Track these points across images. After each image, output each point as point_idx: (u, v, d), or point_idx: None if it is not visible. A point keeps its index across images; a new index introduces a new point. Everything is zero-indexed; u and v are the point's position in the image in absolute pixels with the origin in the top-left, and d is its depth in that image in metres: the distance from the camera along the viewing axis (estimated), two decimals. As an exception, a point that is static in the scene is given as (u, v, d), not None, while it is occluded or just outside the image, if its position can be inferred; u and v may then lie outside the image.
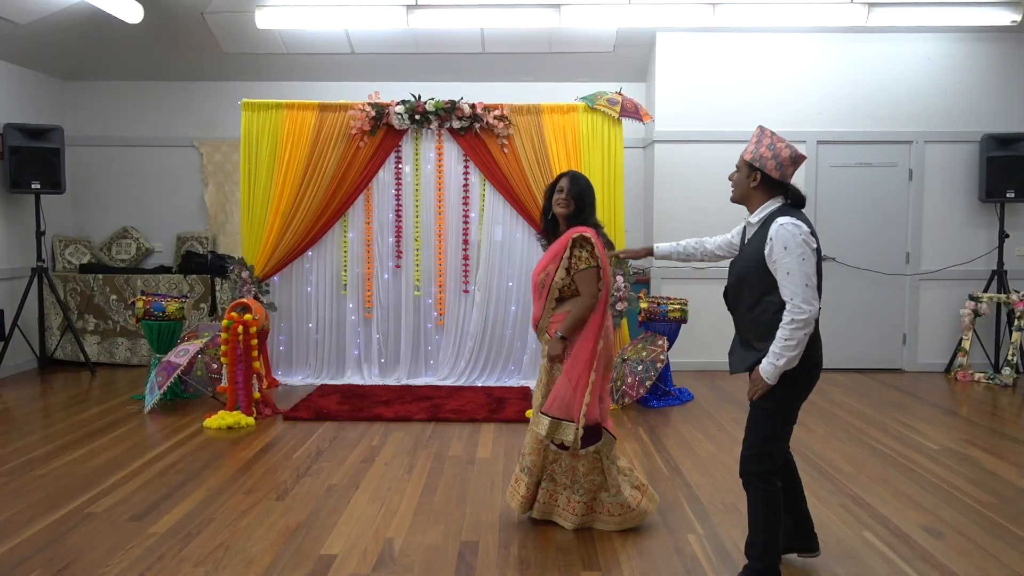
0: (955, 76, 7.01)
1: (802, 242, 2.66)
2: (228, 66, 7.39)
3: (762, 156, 2.80)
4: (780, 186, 2.82)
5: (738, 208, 3.02)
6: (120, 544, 3.31)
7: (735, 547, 3.33)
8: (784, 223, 2.70)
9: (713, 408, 5.76)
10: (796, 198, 2.83)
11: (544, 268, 3.52)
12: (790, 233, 2.67)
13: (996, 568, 3.16)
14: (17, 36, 6.40)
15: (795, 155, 2.78)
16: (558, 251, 3.48)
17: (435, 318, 6.56)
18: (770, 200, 2.83)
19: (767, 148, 2.80)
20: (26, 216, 6.94)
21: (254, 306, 5.41)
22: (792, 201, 2.82)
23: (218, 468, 4.32)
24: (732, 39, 6.98)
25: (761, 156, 2.80)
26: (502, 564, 3.17)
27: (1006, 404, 5.97)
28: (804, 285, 2.65)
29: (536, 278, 3.56)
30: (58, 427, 5.13)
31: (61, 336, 6.99)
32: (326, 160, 6.28)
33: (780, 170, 2.78)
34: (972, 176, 7.03)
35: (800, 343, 2.66)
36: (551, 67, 7.36)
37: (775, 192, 2.83)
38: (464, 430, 5.15)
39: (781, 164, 2.78)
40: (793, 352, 2.66)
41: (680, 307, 6.03)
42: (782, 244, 2.67)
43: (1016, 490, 4.06)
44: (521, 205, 6.34)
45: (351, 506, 3.77)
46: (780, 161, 2.78)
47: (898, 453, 4.67)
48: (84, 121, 7.64)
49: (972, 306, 6.76)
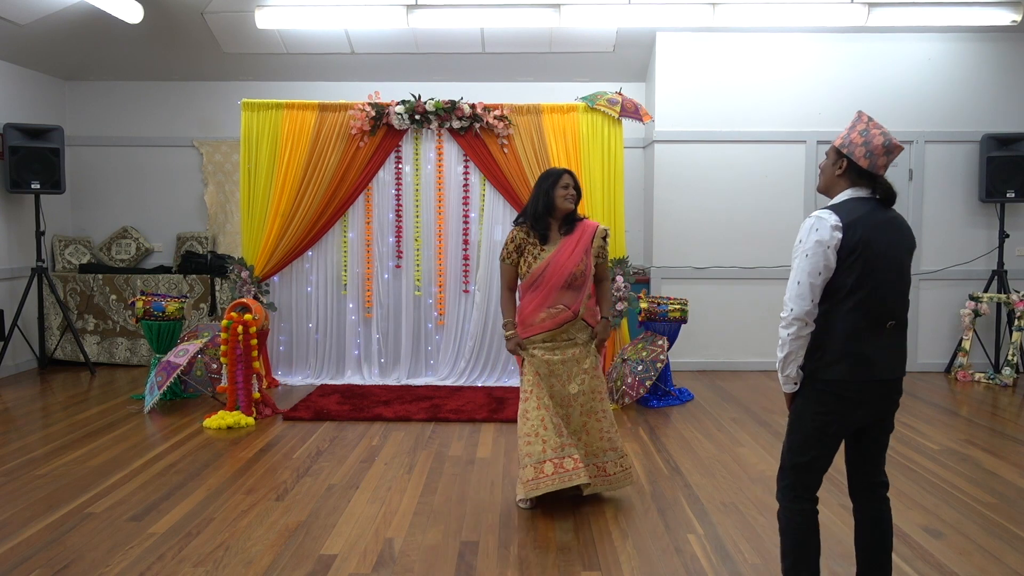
0: (955, 76, 7.01)
1: (813, 237, 2.41)
2: (228, 66, 7.39)
3: (852, 142, 2.52)
4: (868, 176, 2.51)
5: (737, 209, 2.97)
6: (120, 544, 3.31)
7: (735, 547, 3.34)
8: (815, 213, 2.46)
9: (713, 408, 5.75)
10: (885, 193, 2.51)
11: (580, 260, 3.65)
12: (809, 225, 2.44)
13: (996, 568, 3.16)
14: (17, 36, 6.40)
15: (889, 144, 2.48)
16: (586, 243, 3.68)
17: (435, 318, 6.55)
18: (849, 190, 2.53)
19: (859, 134, 2.52)
20: (26, 216, 6.94)
21: (254, 306, 5.41)
22: (881, 196, 2.51)
23: (218, 468, 4.32)
24: (732, 39, 6.98)
25: (851, 142, 2.52)
26: (502, 564, 3.17)
27: (1006, 404, 5.97)
28: (796, 282, 2.43)
29: (572, 270, 3.63)
30: (58, 427, 5.13)
31: (61, 336, 6.99)
32: (326, 160, 6.28)
33: (870, 158, 2.48)
34: (972, 176, 7.03)
35: (786, 343, 2.46)
36: (551, 67, 7.36)
37: (861, 183, 2.52)
38: (464, 430, 5.15)
39: (872, 152, 2.48)
40: (782, 353, 2.48)
41: (680, 307, 6.03)
42: (799, 236, 2.47)
43: (1016, 490, 4.06)
44: (521, 205, 6.33)
45: (351, 506, 3.77)
46: (871, 149, 2.48)
47: (898, 453, 4.67)
48: (84, 121, 7.64)
49: (972, 306, 6.76)
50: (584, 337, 3.74)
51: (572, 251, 3.65)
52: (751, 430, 5.17)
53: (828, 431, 2.51)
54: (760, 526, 3.57)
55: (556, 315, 3.66)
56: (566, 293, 3.65)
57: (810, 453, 2.53)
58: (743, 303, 6.96)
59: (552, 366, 3.69)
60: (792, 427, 2.57)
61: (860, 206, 2.48)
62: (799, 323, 2.44)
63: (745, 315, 6.96)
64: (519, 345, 3.74)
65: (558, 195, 3.66)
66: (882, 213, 2.50)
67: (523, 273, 3.74)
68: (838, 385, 2.46)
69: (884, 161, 2.50)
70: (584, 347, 3.72)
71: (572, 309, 3.66)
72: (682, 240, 7.04)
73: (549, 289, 3.65)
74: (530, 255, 3.71)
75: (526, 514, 3.69)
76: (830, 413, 2.49)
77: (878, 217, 2.48)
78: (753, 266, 6.97)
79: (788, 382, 2.51)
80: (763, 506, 3.80)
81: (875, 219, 2.47)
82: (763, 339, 7.06)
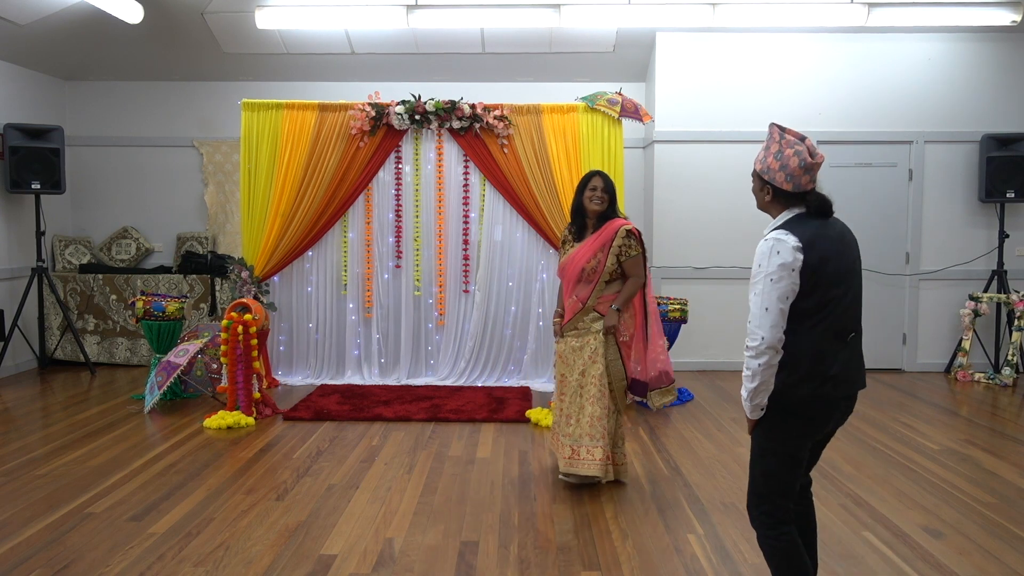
0: (955, 76, 7.01)
1: (777, 261, 2.32)
2: (228, 66, 7.39)
3: (770, 168, 2.45)
4: (797, 196, 2.44)
5: (737, 209, 2.97)
6: (120, 544, 3.31)
7: (735, 547, 3.34)
8: (768, 237, 2.38)
9: (713, 408, 5.76)
10: (818, 206, 2.42)
11: (593, 256, 3.93)
12: (768, 248, 2.35)
13: (996, 568, 3.16)
14: (17, 36, 6.40)
15: (804, 162, 2.38)
16: (605, 242, 3.93)
17: (435, 318, 6.56)
18: (786, 211, 2.47)
19: (774, 158, 2.44)
20: (26, 216, 6.94)
21: (254, 306, 5.42)
22: (813, 210, 2.42)
23: (218, 468, 4.32)
24: (732, 39, 6.98)
25: (769, 168, 2.46)
26: (502, 564, 3.17)
27: (1006, 404, 5.97)
28: (764, 308, 2.34)
29: (583, 265, 3.94)
30: (58, 427, 5.13)
31: (61, 336, 6.99)
32: (326, 160, 6.28)
33: (792, 181, 2.41)
34: (972, 176, 7.03)
35: (756, 374, 2.37)
36: (551, 67, 7.36)
37: (792, 202, 2.45)
38: (464, 430, 5.15)
39: (791, 175, 2.40)
40: (752, 384, 2.38)
41: (680, 307, 6.03)
42: (757, 261, 2.39)
43: (1016, 490, 4.06)
44: (521, 205, 6.34)
45: (351, 506, 3.78)
46: (789, 172, 2.40)
47: (898, 453, 4.67)
48: (84, 121, 7.64)
49: (972, 306, 6.76)
50: (598, 326, 3.98)
51: (587, 248, 3.97)
52: (751, 430, 5.17)
53: (801, 453, 2.48)
54: (760, 526, 3.57)
55: (571, 305, 4.02)
56: (579, 286, 3.98)
57: (788, 477, 2.47)
58: (743, 303, 6.86)
59: (574, 351, 4.01)
60: (763, 453, 2.49)
61: (808, 223, 2.41)
62: (771, 352, 2.36)
63: (745, 315, 6.92)
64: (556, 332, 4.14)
65: (586, 197, 4.02)
66: (828, 228, 2.44)
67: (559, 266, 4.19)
68: (807, 406, 2.41)
69: (807, 178, 2.42)
70: (597, 335, 3.97)
71: (580, 299, 3.99)
72: (682, 240, 7.04)
73: (568, 282, 4.04)
74: (565, 251, 4.15)
75: (526, 514, 3.69)
76: (802, 436, 2.46)
77: (827, 232, 2.42)
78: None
79: (756, 410, 2.44)
80: (763, 506, 3.80)
81: (826, 235, 2.41)
82: (763, 339, 7.08)
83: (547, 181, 6.27)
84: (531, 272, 6.48)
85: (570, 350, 4.02)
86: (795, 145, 2.42)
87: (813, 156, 2.41)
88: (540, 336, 6.47)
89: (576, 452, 3.95)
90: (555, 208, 6.24)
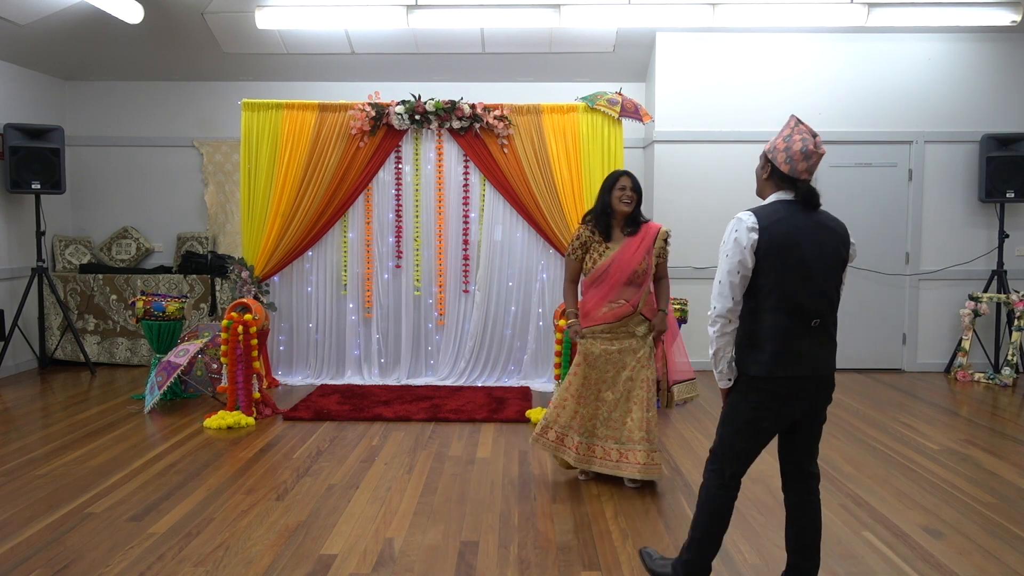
0: (955, 76, 7.01)
1: (733, 237, 2.57)
2: (228, 66, 7.39)
3: (775, 147, 2.65)
4: (790, 181, 2.62)
5: (737, 209, 3.00)
6: (120, 544, 3.31)
7: (735, 547, 3.34)
8: (738, 215, 2.61)
9: (713, 408, 5.75)
10: (805, 195, 2.61)
11: (642, 259, 3.91)
12: (730, 226, 2.60)
13: (996, 568, 3.16)
14: (17, 36, 6.40)
15: (806, 149, 2.58)
16: (648, 244, 3.94)
17: (435, 318, 6.56)
18: (775, 193, 2.66)
19: (783, 139, 2.65)
20: (26, 216, 6.94)
21: (254, 306, 5.42)
22: (801, 197, 2.61)
23: (218, 468, 4.32)
24: (732, 39, 6.98)
25: (775, 147, 2.66)
26: (502, 564, 3.17)
27: (1006, 404, 5.97)
28: (718, 281, 2.61)
29: (635, 268, 3.90)
30: (58, 427, 5.13)
31: (61, 336, 6.99)
32: (326, 160, 6.28)
33: (789, 164, 2.60)
34: (972, 176, 7.03)
35: (712, 341, 2.63)
36: (551, 67, 7.36)
37: (785, 186, 2.64)
38: (464, 430, 5.15)
39: (791, 157, 2.60)
40: (711, 350, 2.65)
41: (680, 307, 6.03)
42: (723, 237, 2.63)
43: (1016, 490, 4.06)
44: (521, 205, 6.34)
45: (351, 506, 3.78)
46: (790, 154, 2.60)
47: (898, 453, 4.67)
48: (84, 121, 7.64)
49: (972, 306, 6.76)
50: (643, 330, 3.98)
51: (636, 250, 3.93)
52: (751, 430, 5.17)
53: (760, 425, 2.65)
54: (760, 526, 3.57)
55: (616, 309, 3.94)
56: (627, 289, 3.93)
57: (741, 444, 2.70)
58: (743, 303, 6.95)
59: (609, 355, 3.95)
60: (726, 419, 2.73)
61: (782, 209, 2.60)
62: (722, 320, 2.61)
63: (745, 315, 6.95)
64: (577, 333, 4.03)
65: (615, 197, 3.95)
66: (805, 216, 2.60)
67: (587, 269, 4.02)
68: (768, 380, 2.59)
69: (804, 166, 2.60)
70: (641, 339, 3.96)
71: (631, 303, 3.93)
72: (682, 240, 7.01)
73: (612, 284, 3.93)
74: (595, 252, 3.98)
75: (526, 514, 3.69)
76: (762, 408, 2.63)
77: (799, 220, 2.58)
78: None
79: (722, 378, 2.68)
80: (763, 506, 3.81)
81: (796, 221, 2.57)
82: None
83: (547, 181, 6.27)
84: (531, 272, 6.48)
85: (609, 353, 3.94)
86: (804, 134, 2.63)
87: (817, 147, 2.61)
88: (540, 336, 6.47)
89: (624, 456, 3.95)
90: (555, 208, 6.25)
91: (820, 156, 2.61)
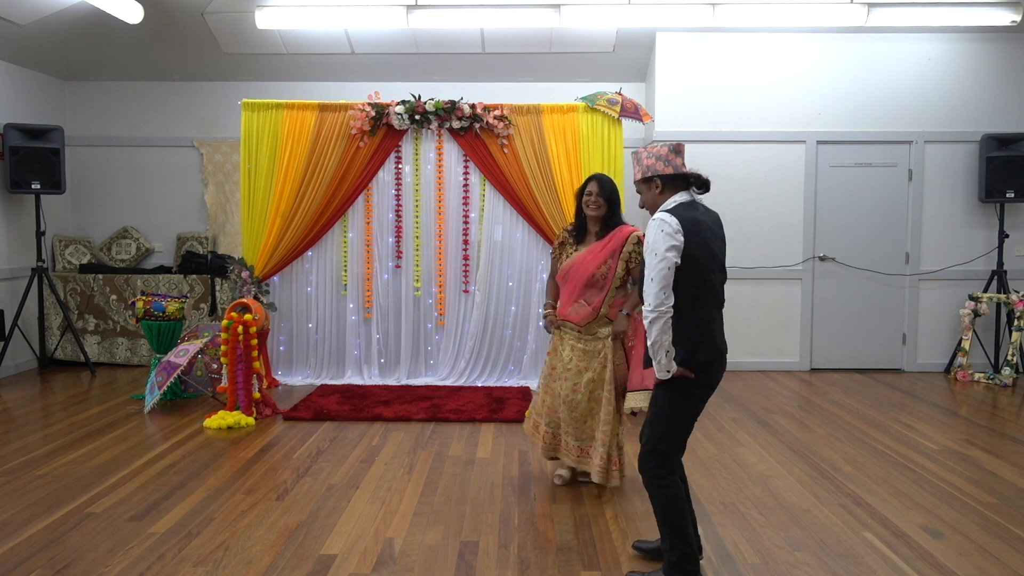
0: (955, 76, 7.01)
1: (660, 238, 2.71)
2: (228, 66, 7.39)
3: (648, 167, 2.89)
4: (681, 179, 2.88)
5: (736, 210, 3.05)
6: (120, 544, 3.31)
7: (735, 547, 3.34)
8: (655, 218, 2.77)
9: (713, 408, 5.75)
10: (699, 182, 2.88)
11: (603, 263, 3.92)
12: (653, 228, 2.75)
13: (996, 568, 3.16)
14: (17, 36, 6.40)
15: (672, 146, 2.88)
16: (615, 248, 3.92)
17: (435, 318, 6.56)
18: (674, 196, 2.88)
19: (647, 157, 2.89)
20: (26, 216, 6.94)
21: (254, 306, 5.42)
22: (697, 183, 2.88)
23: (218, 468, 4.32)
24: (732, 39, 6.98)
25: (648, 167, 2.89)
26: (502, 564, 3.17)
27: (1006, 404, 5.97)
28: (650, 279, 2.72)
29: (592, 271, 3.92)
30: (58, 427, 5.13)
31: (61, 336, 6.99)
32: (326, 160, 6.28)
33: (670, 164, 2.86)
34: (972, 176, 7.03)
35: (649, 335, 2.74)
36: (551, 67, 7.36)
37: (679, 186, 2.89)
38: (464, 430, 5.15)
39: (666, 160, 2.86)
40: (649, 342, 2.75)
41: (680, 307, 6.02)
42: (647, 240, 2.78)
43: (1016, 490, 4.06)
44: (521, 205, 6.34)
45: (351, 506, 3.78)
46: (663, 157, 2.86)
47: (898, 453, 4.67)
48: (84, 121, 7.64)
49: (972, 306, 6.76)
50: (606, 332, 3.99)
51: (597, 254, 3.95)
52: (751, 430, 5.17)
53: (696, 414, 2.91)
54: (760, 526, 3.57)
55: (580, 310, 3.98)
56: (588, 291, 3.96)
57: (682, 436, 2.92)
58: (743, 303, 6.96)
59: (575, 351, 4.00)
60: (664, 414, 2.87)
61: (689, 209, 2.83)
62: (655, 315, 2.73)
63: (744, 315, 6.96)
64: (552, 323, 4.12)
65: (583, 202, 4.01)
66: (704, 214, 2.88)
67: (558, 268, 4.15)
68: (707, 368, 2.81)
69: (680, 160, 2.89)
70: (604, 340, 3.99)
71: (592, 306, 3.96)
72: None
73: (574, 285, 4.00)
74: (566, 253, 4.09)
75: (526, 514, 3.69)
76: (697, 398, 2.87)
77: (700, 214, 2.85)
78: (753, 266, 6.97)
79: (661, 369, 2.78)
80: (763, 506, 3.81)
81: (698, 216, 2.83)
82: (763, 339, 7.08)
83: (547, 181, 6.27)
84: (531, 272, 6.48)
85: (577, 353, 3.99)
86: (654, 145, 2.91)
87: (675, 143, 2.90)
88: (540, 336, 6.47)
89: (585, 451, 4.00)
90: (555, 208, 6.25)
91: (683, 146, 2.92)
